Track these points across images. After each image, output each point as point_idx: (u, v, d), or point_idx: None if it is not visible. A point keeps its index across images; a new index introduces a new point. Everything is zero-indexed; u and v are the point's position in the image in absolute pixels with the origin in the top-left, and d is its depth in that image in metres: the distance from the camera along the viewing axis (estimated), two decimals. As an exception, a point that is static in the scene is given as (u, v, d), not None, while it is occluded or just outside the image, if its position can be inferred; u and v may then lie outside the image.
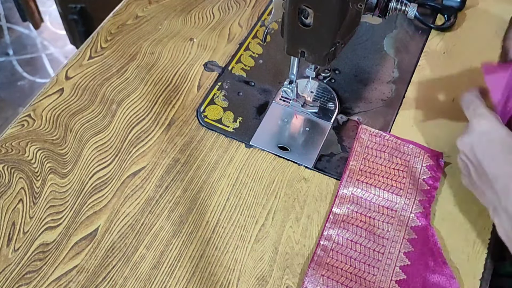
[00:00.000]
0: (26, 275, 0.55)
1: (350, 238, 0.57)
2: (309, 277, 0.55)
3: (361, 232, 0.58)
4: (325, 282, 0.54)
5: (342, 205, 0.59)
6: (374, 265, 0.56)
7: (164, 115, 0.67)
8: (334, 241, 0.57)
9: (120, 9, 0.79)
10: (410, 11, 0.56)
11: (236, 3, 0.81)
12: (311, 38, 0.54)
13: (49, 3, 2.10)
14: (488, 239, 0.58)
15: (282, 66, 0.72)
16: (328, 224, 0.58)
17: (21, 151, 0.63)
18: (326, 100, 0.69)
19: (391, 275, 0.55)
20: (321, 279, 0.55)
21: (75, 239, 0.57)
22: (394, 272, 0.55)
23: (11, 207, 0.59)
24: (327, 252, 0.57)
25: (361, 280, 0.55)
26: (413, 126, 0.66)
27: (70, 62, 0.72)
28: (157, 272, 0.55)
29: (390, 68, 0.73)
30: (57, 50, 1.97)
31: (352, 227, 0.58)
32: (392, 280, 0.55)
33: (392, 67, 0.73)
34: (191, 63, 0.73)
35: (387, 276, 0.55)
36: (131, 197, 0.60)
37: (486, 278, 0.55)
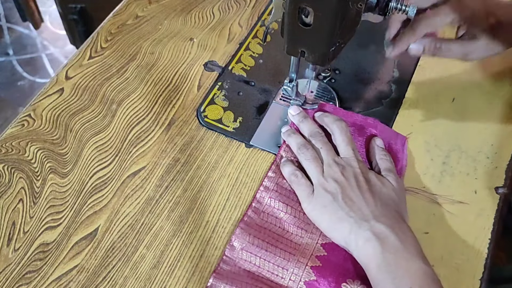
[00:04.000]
0: (26, 275, 0.55)
1: (282, 200, 0.59)
2: (236, 235, 0.56)
3: (293, 196, 0.59)
4: (251, 241, 0.56)
5: (278, 170, 0.61)
6: (303, 228, 0.57)
7: (164, 115, 0.67)
8: (266, 204, 0.59)
9: (120, 9, 0.79)
10: (410, 11, 0.56)
11: (236, 3, 0.81)
12: (311, 38, 0.54)
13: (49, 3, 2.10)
14: (488, 239, 0.58)
15: (282, 66, 0.72)
16: (261, 187, 0.60)
17: (21, 151, 0.63)
18: (326, 100, 0.69)
19: (317, 238, 0.57)
20: (248, 237, 0.56)
21: (75, 239, 0.57)
22: (321, 235, 0.57)
23: (11, 207, 0.59)
24: (258, 214, 0.58)
25: (287, 241, 0.56)
26: (413, 126, 0.67)
27: (70, 62, 0.72)
28: (157, 272, 0.55)
29: (390, 68, 0.73)
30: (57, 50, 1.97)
31: (286, 191, 0.60)
32: (318, 243, 0.56)
33: (392, 67, 0.73)
34: (191, 63, 0.73)
35: (314, 239, 0.56)
36: (131, 197, 0.60)
37: (486, 278, 0.55)
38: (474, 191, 0.61)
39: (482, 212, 0.59)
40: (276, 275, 0.54)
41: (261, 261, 0.55)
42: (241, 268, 0.55)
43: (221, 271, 0.55)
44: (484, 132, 0.66)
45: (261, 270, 0.55)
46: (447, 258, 0.56)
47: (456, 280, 0.55)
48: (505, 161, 0.64)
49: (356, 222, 0.53)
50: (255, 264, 0.55)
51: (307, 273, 0.54)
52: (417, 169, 0.63)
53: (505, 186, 0.61)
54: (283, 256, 0.55)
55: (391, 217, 0.53)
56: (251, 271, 0.55)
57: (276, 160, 0.62)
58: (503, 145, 0.65)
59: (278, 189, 0.60)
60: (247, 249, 0.55)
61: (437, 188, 0.61)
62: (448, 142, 0.65)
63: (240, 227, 0.57)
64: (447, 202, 0.60)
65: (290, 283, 0.54)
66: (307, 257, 0.55)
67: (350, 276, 0.54)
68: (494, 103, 0.69)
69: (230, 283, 0.53)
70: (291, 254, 0.55)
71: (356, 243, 0.52)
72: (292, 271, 0.54)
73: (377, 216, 0.53)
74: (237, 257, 0.55)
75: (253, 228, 0.57)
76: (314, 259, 0.55)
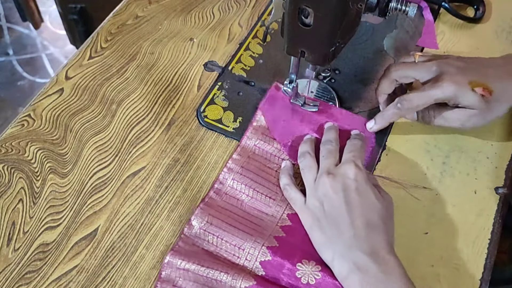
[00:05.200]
0: (26, 275, 0.55)
1: (245, 182, 0.59)
2: (195, 214, 0.57)
3: (257, 178, 0.60)
4: (210, 220, 0.57)
5: (243, 153, 0.62)
6: (263, 210, 0.58)
7: (164, 115, 0.67)
8: (229, 185, 0.60)
9: (120, 9, 0.79)
10: (410, 11, 0.56)
11: (236, 3, 0.81)
12: (311, 38, 0.54)
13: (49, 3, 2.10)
14: (488, 239, 0.58)
15: (282, 66, 0.72)
16: (225, 169, 0.61)
17: (21, 151, 0.63)
18: (326, 100, 0.69)
19: (277, 220, 0.57)
20: (207, 217, 0.57)
21: (75, 239, 0.57)
22: (281, 218, 0.57)
23: (11, 207, 0.59)
24: (220, 195, 0.59)
25: (247, 222, 0.57)
26: (413, 126, 0.67)
27: (70, 62, 0.72)
28: (157, 272, 0.55)
29: (390, 68, 0.73)
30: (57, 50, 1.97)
31: (249, 173, 0.60)
32: (277, 225, 0.57)
33: (392, 67, 0.73)
34: (191, 63, 0.73)
35: (274, 222, 0.57)
36: (131, 197, 0.60)
37: (486, 278, 0.55)
38: (474, 191, 0.61)
39: (482, 212, 0.59)
40: (233, 254, 0.55)
41: (219, 241, 0.55)
42: (199, 247, 0.56)
43: (179, 248, 0.55)
44: (484, 132, 0.66)
45: (219, 249, 0.55)
46: (447, 258, 0.56)
47: (456, 280, 0.55)
48: (505, 161, 0.64)
49: (338, 251, 0.52)
50: (213, 244, 0.56)
51: (263, 253, 0.54)
52: (417, 169, 0.63)
53: (505, 186, 0.61)
54: (241, 236, 0.56)
55: (375, 242, 0.51)
56: (209, 250, 0.55)
57: (242, 141, 0.63)
58: (503, 145, 0.65)
59: (242, 171, 0.61)
60: (206, 228, 0.56)
61: (437, 188, 0.61)
62: (448, 142, 0.65)
63: (200, 207, 0.58)
64: (446, 202, 0.60)
65: (245, 263, 0.54)
66: (265, 238, 0.56)
67: (306, 256, 0.54)
68: (494, 103, 0.69)
69: (187, 260, 0.54)
70: (249, 234, 0.56)
71: (339, 271, 0.51)
72: (248, 251, 0.55)
73: (360, 242, 0.51)
74: (195, 235, 0.56)
75: (214, 208, 0.58)
76: (271, 240, 0.55)
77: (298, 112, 0.65)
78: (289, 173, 0.60)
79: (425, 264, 0.56)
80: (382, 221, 0.53)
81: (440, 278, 0.55)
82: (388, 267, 0.50)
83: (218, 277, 0.52)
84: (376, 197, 0.54)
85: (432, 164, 0.63)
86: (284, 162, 0.62)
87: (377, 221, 0.52)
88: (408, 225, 0.59)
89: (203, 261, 0.53)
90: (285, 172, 0.60)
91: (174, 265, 0.54)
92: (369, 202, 0.53)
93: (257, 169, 0.61)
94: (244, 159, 0.61)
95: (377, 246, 0.51)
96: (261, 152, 0.63)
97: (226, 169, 0.61)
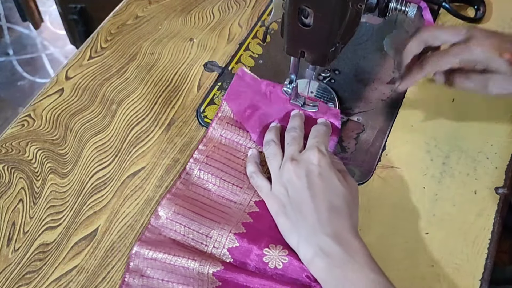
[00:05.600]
0: (26, 275, 0.55)
1: (212, 172, 0.60)
2: (162, 205, 0.57)
3: (224, 167, 0.61)
4: (177, 210, 0.57)
5: (209, 144, 0.62)
6: (231, 199, 0.59)
7: (164, 115, 0.67)
8: (196, 175, 0.60)
9: (120, 9, 0.79)
10: (410, 11, 0.56)
11: (236, 3, 0.81)
12: (311, 38, 0.54)
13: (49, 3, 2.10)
14: (488, 239, 0.58)
15: (282, 66, 0.72)
16: (191, 159, 0.61)
17: (21, 151, 0.63)
18: (326, 100, 0.69)
19: (245, 207, 0.58)
20: (173, 207, 0.57)
21: (75, 239, 0.57)
22: (248, 205, 0.58)
23: (11, 207, 0.59)
24: (187, 186, 0.59)
25: (215, 210, 0.57)
26: (413, 126, 0.67)
27: (70, 62, 0.72)
28: (157, 272, 0.55)
29: (390, 68, 0.73)
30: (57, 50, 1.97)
31: (216, 162, 0.61)
32: (245, 212, 0.57)
33: (392, 67, 0.73)
34: (191, 63, 0.73)
35: (241, 209, 0.58)
36: (130, 197, 0.60)
37: (486, 278, 0.55)
38: (474, 192, 0.61)
39: (482, 212, 0.59)
40: (200, 242, 0.55)
41: (186, 230, 0.56)
42: (166, 237, 0.56)
43: (146, 239, 0.56)
44: (484, 132, 0.66)
45: (186, 238, 0.56)
46: (447, 258, 0.56)
47: (456, 280, 0.55)
48: (505, 161, 0.64)
49: (303, 235, 0.52)
50: (180, 233, 0.56)
51: (230, 240, 0.55)
52: (417, 169, 0.63)
53: (505, 186, 0.61)
54: (208, 224, 0.56)
55: (339, 225, 0.52)
56: (176, 239, 0.56)
57: (208, 133, 0.64)
58: (503, 145, 0.65)
59: (208, 161, 0.61)
60: (172, 218, 0.57)
61: (437, 188, 0.61)
62: (448, 143, 0.65)
63: (166, 198, 0.58)
64: (446, 202, 0.60)
65: (213, 250, 0.55)
66: (232, 225, 0.56)
67: (274, 242, 0.54)
68: (494, 103, 0.69)
69: (154, 249, 0.54)
70: (216, 222, 0.56)
71: (304, 255, 0.52)
72: (215, 239, 0.55)
73: (324, 226, 0.51)
74: (162, 225, 0.57)
75: (181, 198, 0.58)
76: (239, 226, 0.56)
77: (264, 100, 0.65)
78: (255, 161, 0.61)
79: (425, 264, 0.56)
80: (345, 205, 0.53)
81: (440, 278, 0.55)
82: (352, 249, 0.50)
83: (186, 264, 0.53)
84: (339, 182, 0.54)
85: (432, 164, 0.63)
86: (251, 151, 0.62)
87: (341, 205, 0.53)
88: (409, 225, 0.59)
89: (170, 250, 0.54)
90: (252, 160, 0.61)
91: (142, 255, 0.54)
92: (332, 187, 0.54)
93: (224, 158, 0.62)
94: (210, 149, 0.62)
95: (340, 229, 0.52)
96: (228, 142, 0.63)
97: (192, 159, 0.61)
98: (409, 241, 0.57)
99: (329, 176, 0.54)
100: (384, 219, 0.59)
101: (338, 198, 0.53)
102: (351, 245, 0.51)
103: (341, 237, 0.51)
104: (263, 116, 0.65)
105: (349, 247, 0.50)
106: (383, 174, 0.62)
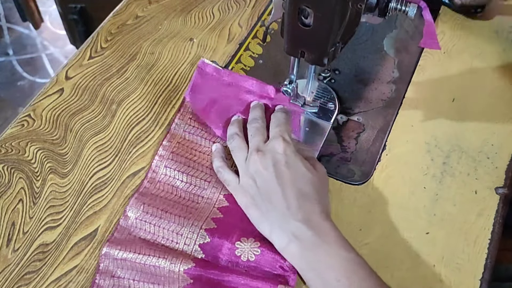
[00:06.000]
0: (25, 276, 0.55)
1: (178, 168, 0.59)
2: (130, 205, 0.57)
3: (190, 163, 0.60)
4: (145, 210, 0.57)
5: (173, 139, 0.62)
6: (199, 194, 0.58)
7: (164, 115, 0.67)
8: (162, 173, 0.60)
9: (120, 9, 0.79)
10: (410, 11, 0.56)
11: (236, 3, 0.81)
12: (311, 38, 0.54)
13: (49, 3, 2.10)
14: (488, 239, 0.58)
15: (282, 66, 0.72)
16: (156, 156, 0.61)
17: (21, 151, 0.63)
18: (326, 100, 0.69)
19: (214, 202, 0.58)
20: (142, 207, 0.57)
21: (75, 239, 0.57)
22: (218, 199, 0.58)
23: (11, 207, 0.59)
24: (154, 184, 0.59)
25: (183, 207, 0.57)
26: (413, 126, 0.66)
27: (70, 62, 0.72)
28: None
29: (390, 68, 0.73)
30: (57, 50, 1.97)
31: (181, 158, 0.61)
32: (214, 207, 0.57)
33: (392, 67, 0.73)
34: (191, 63, 0.73)
35: (210, 204, 0.57)
36: (131, 197, 0.60)
37: (486, 278, 0.55)
38: (475, 191, 0.61)
39: (482, 212, 0.59)
40: (171, 240, 0.55)
41: (156, 228, 0.56)
42: (136, 237, 0.56)
43: (115, 239, 0.55)
44: (484, 132, 0.66)
45: (156, 237, 0.55)
46: (448, 258, 0.56)
47: (457, 280, 0.55)
48: (505, 161, 0.63)
49: (275, 224, 0.53)
50: (150, 232, 0.56)
51: (201, 236, 0.55)
52: (418, 169, 0.63)
53: (505, 186, 0.61)
54: (177, 222, 0.56)
55: (309, 211, 0.53)
56: (146, 238, 0.55)
57: (171, 128, 0.63)
58: (503, 145, 0.65)
59: (173, 157, 0.61)
60: (141, 218, 0.56)
61: (438, 188, 0.61)
62: (448, 142, 0.65)
63: (134, 197, 0.58)
64: (447, 202, 0.60)
65: (184, 247, 0.54)
66: (202, 221, 0.56)
67: (245, 234, 0.54)
68: (494, 103, 0.69)
69: (123, 249, 0.54)
70: (186, 218, 0.56)
71: (279, 244, 0.53)
72: (186, 236, 0.55)
73: (294, 212, 0.52)
74: (131, 226, 0.56)
75: (148, 197, 0.58)
76: (209, 222, 0.56)
77: (227, 90, 0.65)
78: (221, 156, 0.61)
79: (426, 264, 0.56)
80: (314, 191, 0.54)
81: (441, 278, 0.55)
82: (323, 232, 0.51)
83: (156, 262, 0.53)
84: (306, 168, 0.55)
85: (432, 164, 0.63)
86: (215, 145, 0.62)
87: (309, 191, 0.54)
88: (409, 225, 0.58)
89: (140, 249, 0.54)
90: (217, 154, 0.61)
91: (111, 256, 0.54)
92: (300, 174, 0.55)
93: (189, 154, 0.61)
94: (174, 145, 0.62)
95: (310, 214, 0.52)
96: (191, 137, 0.63)
97: (157, 156, 0.61)
98: (409, 241, 0.57)
99: (295, 163, 0.55)
100: (385, 219, 0.59)
101: (306, 184, 0.54)
102: (322, 228, 0.52)
103: (312, 221, 0.52)
104: (225, 109, 0.65)
105: (320, 230, 0.51)
106: (384, 174, 0.62)
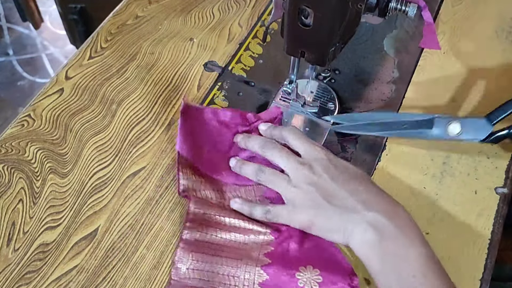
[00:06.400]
0: (26, 275, 0.55)
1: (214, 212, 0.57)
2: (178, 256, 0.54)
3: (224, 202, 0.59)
4: (195, 258, 0.54)
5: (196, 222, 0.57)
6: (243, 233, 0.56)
7: (164, 115, 0.67)
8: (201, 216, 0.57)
9: (120, 9, 0.79)
10: (410, 11, 0.56)
11: (236, 3, 0.81)
12: (311, 38, 0.54)
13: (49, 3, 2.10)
14: (488, 239, 0.58)
15: (282, 66, 0.72)
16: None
17: (21, 151, 0.63)
18: (326, 100, 0.69)
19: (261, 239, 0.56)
20: (190, 255, 0.54)
21: (75, 239, 0.57)
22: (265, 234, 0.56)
23: (11, 207, 0.59)
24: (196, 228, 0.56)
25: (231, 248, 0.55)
26: (413, 126, 0.66)
27: (70, 62, 0.72)
28: (157, 272, 0.55)
29: (390, 68, 0.73)
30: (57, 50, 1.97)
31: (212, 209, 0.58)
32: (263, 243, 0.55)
33: (392, 67, 0.73)
34: (191, 63, 0.73)
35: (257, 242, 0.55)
36: (131, 197, 0.60)
37: (486, 278, 0.55)
38: (475, 191, 0.61)
39: (482, 212, 0.59)
40: (229, 284, 0.53)
41: (209, 275, 0.53)
42: (192, 287, 0.53)
43: None
44: (484, 132, 0.66)
45: (211, 283, 0.53)
46: (448, 258, 0.56)
47: (457, 280, 0.55)
48: (505, 161, 0.64)
49: (350, 223, 0.51)
50: (204, 280, 0.53)
51: (259, 274, 0.53)
52: (418, 169, 0.63)
53: (505, 186, 0.61)
54: (230, 264, 0.54)
55: (383, 203, 0.52)
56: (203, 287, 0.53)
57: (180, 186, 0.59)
58: (503, 145, 0.65)
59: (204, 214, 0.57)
60: (193, 267, 0.54)
61: (438, 188, 0.61)
62: (448, 142, 0.65)
63: (180, 247, 0.55)
64: (447, 202, 0.60)
65: None
66: (255, 259, 0.54)
67: (302, 263, 0.53)
68: (494, 103, 0.69)
69: None
70: (238, 259, 0.54)
71: (353, 237, 0.51)
72: (244, 277, 0.53)
73: (368, 205, 0.51)
74: (184, 277, 0.54)
75: (194, 244, 0.55)
76: (262, 259, 0.54)
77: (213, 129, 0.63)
78: (250, 203, 0.58)
79: (425, 264, 0.56)
80: (372, 184, 0.55)
81: (440, 278, 0.55)
82: (402, 223, 0.50)
83: None
84: (349, 164, 0.56)
85: (432, 164, 0.63)
86: (233, 202, 0.58)
87: (369, 184, 0.54)
88: (408, 225, 0.58)
89: None
90: (247, 206, 0.57)
91: None
92: (350, 171, 0.55)
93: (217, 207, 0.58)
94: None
95: (387, 205, 0.52)
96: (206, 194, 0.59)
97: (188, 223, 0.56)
98: (409, 241, 0.57)
99: (341, 163, 0.56)
100: (384, 219, 0.59)
101: (361, 179, 0.54)
102: (401, 217, 0.51)
103: (389, 210, 0.51)
104: (219, 151, 0.62)
105: (399, 220, 0.50)
106: (384, 174, 0.62)
